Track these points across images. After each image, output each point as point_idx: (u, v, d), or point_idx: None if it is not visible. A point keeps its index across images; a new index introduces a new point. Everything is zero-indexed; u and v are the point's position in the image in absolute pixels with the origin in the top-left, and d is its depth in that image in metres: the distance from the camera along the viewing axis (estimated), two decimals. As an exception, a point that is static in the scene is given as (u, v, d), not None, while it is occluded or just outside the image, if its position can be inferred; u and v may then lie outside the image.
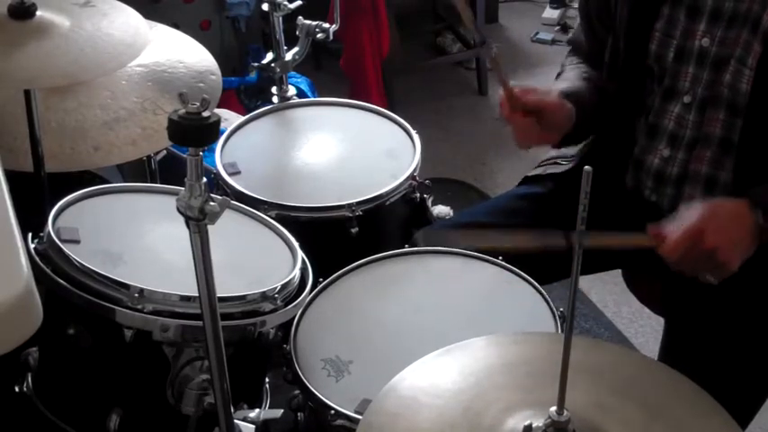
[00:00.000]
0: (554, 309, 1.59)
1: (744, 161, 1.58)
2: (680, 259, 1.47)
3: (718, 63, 1.58)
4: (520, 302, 1.61)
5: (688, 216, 1.48)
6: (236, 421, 1.40)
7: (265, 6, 2.12)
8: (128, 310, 1.42)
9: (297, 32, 2.16)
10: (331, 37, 2.16)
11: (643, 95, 1.70)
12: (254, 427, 1.47)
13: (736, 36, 1.55)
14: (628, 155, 1.73)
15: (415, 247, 1.75)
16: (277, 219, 1.73)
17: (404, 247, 1.75)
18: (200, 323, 1.30)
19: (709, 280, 1.50)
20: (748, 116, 1.56)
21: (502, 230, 1.70)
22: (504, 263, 1.67)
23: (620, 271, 1.89)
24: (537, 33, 4.22)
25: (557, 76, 1.86)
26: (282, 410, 1.55)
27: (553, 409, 1.05)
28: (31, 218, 1.45)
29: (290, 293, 1.55)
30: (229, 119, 2.50)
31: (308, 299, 1.59)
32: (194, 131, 1.14)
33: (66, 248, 1.47)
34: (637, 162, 1.72)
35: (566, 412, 1.05)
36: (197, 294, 1.26)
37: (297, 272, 1.58)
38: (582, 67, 1.81)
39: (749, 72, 1.53)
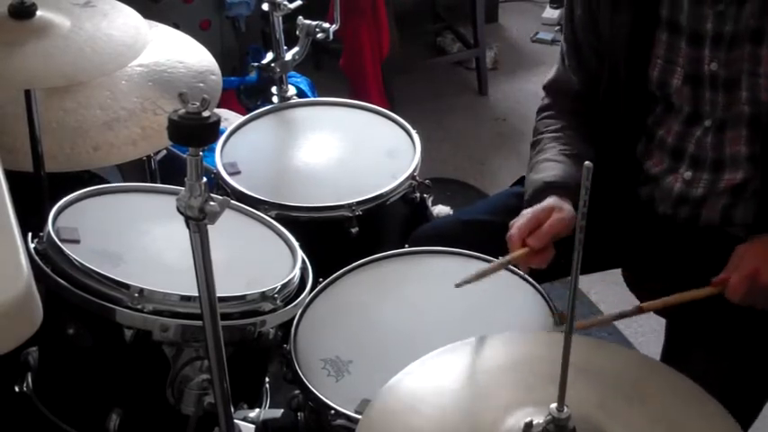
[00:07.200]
0: (554, 308, 1.59)
1: None
2: (743, 299, 1.53)
3: (729, 84, 1.58)
4: (520, 302, 1.61)
5: (741, 259, 1.55)
6: (236, 421, 1.40)
7: (265, 6, 2.13)
8: (128, 310, 1.42)
9: (297, 32, 2.16)
10: (331, 37, 2.16)
11: (644, 116, 1.70)
12: (253, 426, 1.47)
13: (741, 53, 1.55)
14: (635, 170, 1.73)
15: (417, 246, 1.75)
16: (277, 219, 1.73)
17: (404, 247, 1.75)
18: (199, 323, 1.31)
19: None
20: None
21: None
22: (503, 263, 1.67)
23: (620, 271, 1.89)
24: (537, 33, 4.22)
25: (533, 146, 1.81)
26: (282, 410, 1.55)
27: (553, 406, 1.05)
28: (30, 218, 1.46)
29: (290, 293, 1.55)
30: (229, 119, 2.51)
31: (308, 299, 1.59)
32: (194, 131, 1.14)
33: (65, 248, 1.47)
34: (651, 178, 1.72)
35: (566, 409, 1.05)
36: (197, 294, 1.26)
37: (297, 272, 1.58)
38: (561, 138, 1.76)
39: (765, 81, 1.54)
